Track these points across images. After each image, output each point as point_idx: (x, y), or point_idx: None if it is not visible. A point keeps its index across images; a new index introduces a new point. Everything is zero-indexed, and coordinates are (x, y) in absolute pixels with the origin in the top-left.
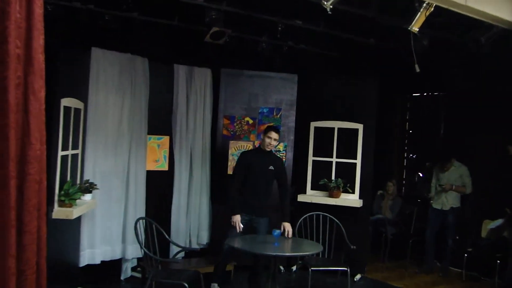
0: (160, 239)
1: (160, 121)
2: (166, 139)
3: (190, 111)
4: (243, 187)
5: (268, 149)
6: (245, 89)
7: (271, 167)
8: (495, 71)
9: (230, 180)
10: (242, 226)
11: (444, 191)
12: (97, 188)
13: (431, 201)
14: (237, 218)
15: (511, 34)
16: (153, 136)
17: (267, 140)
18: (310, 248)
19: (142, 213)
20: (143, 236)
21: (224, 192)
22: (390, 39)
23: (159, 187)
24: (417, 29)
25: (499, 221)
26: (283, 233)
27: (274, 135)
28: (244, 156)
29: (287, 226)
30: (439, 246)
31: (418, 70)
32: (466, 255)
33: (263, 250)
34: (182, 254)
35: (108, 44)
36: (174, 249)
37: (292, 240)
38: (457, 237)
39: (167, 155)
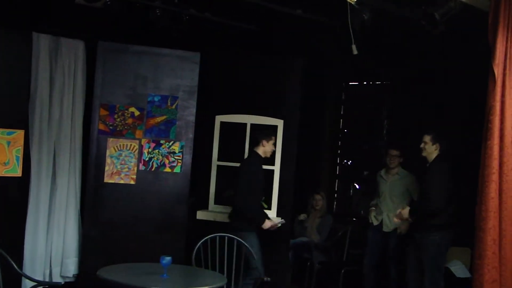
0: (8, 271)
1: (11, 109)
2: (19, 134)
3: (54, 96)
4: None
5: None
6: (130, 70)
7: None
8: (453, 55)
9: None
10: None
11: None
12: None
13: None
14: (269, 222)
15: (473, 12)
16: (0, 130)
17: (273, 148)
18: (211, 281)
19: None
20: None
21: (100, 205)
22: (322, 11)
23: (8, 200)
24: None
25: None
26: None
27: None
28: (260, 166)
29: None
30: (381, 278)
31: (355, 52)
32: None
33: (146, 284)
34: None
35: None
36: (27, 284)
37: (186, 270)
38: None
39: (20, 156)
